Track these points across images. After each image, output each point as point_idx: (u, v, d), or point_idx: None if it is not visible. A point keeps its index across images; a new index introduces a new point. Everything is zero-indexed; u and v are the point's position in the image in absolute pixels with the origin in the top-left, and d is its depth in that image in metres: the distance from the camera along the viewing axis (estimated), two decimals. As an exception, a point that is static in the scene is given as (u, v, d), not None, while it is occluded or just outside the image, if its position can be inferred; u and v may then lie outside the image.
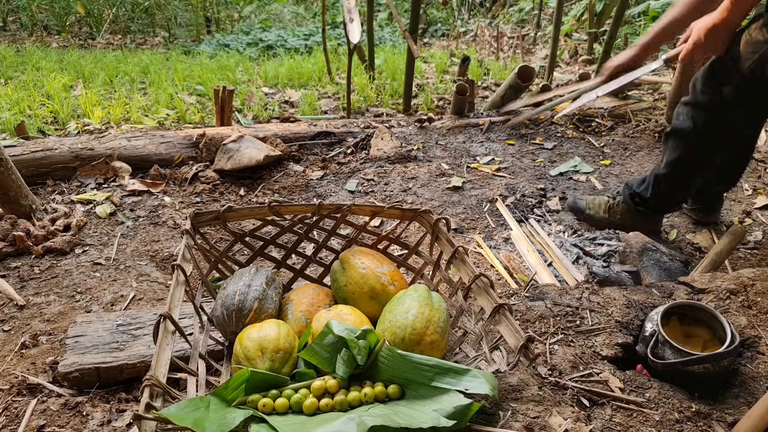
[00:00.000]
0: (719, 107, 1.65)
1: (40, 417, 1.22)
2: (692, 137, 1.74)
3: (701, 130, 1.71)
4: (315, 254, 1.56)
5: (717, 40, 1.53)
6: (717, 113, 1.66)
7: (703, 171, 1.83)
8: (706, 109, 1.68)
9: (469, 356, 1.22)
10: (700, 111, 1.70)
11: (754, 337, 1.36)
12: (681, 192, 1.93)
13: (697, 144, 1.74)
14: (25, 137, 2.77)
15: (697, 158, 1.77)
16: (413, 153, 2.74)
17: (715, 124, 1.68)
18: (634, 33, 5.52)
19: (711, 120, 1.68)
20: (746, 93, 1.57)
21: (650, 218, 2.03)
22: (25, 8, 6.06)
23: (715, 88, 1.63)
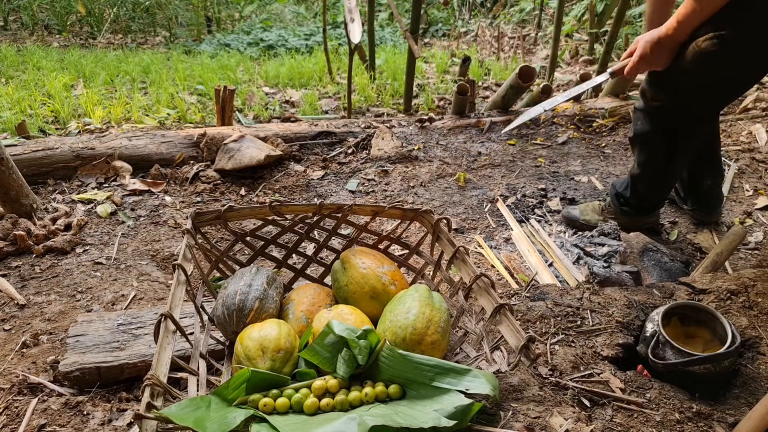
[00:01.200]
0: (665, 112, 1.73)
1: (41, 416, 1.22)
2: (651, 140, 1.82)
3: (655, 133, 1.79)
4: (316, 254, 1.56)
5: (662, 55, 1.58)
6: (663, 117, 1.75)
7: (673, 169, 1.88)
8: (653, 114, 1.77)
9: (469, 356, 1.22)
10: (649, 116, 1.78)
11: (754, 337, 1.36)
12: (658, 190, 1.98)
13: (657, 145, 1.82)
14: (26, 136, 2.77)
15: (662, 157, 1.84)
16: (414, 153, 2.74)
17: (665, 125, 1.76)
18: (635, 33, 5.51)
19: (661, 123, 1.77)
20: (686, 98, 1.66)
21: (639, 217, 2.06)
22: (26, 8, 6.06)
23: (659, 96, 1.72)
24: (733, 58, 1.49)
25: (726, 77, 1.57)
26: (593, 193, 2.44)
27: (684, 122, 1.73)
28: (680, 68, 1.57)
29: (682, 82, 1.62)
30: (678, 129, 1.75)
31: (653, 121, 1.78)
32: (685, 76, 1.58)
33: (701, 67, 1.52)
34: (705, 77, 1.57)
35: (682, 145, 1.79)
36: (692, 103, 1.67)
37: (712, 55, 1.47)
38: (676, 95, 1.66)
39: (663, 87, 1.68)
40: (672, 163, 1.84)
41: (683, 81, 1.61)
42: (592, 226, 2.12)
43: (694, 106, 1.68)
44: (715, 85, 1.61)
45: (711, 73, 1.55)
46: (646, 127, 1.81)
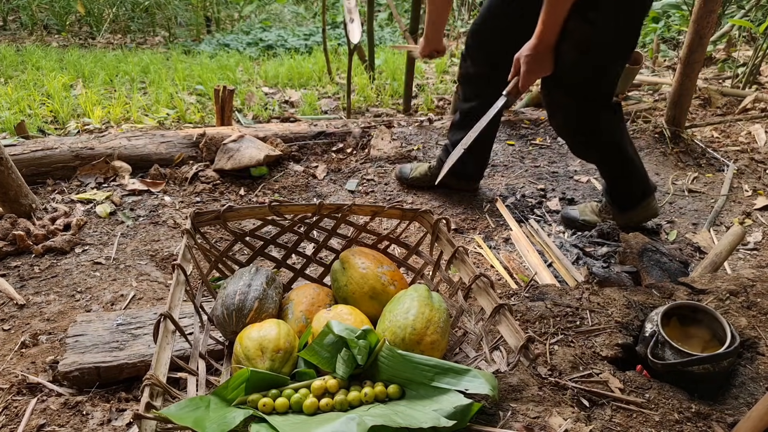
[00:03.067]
0: (594, 107, 1.81)
1: (40, 416, 1.22)
2: (605, 138, 1.91)
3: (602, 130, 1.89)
4: (315, 254, 1.56)
5: (544, 61, 1.63)
6: (595, 112, 1.83)
7: (633, 157, 1.97)
8: (591, 112, 1.83)
9: (469, 356, 1.22)
10: (590, 115, 1.84)
11: (753, 338, 1.36)
12: (640, 172, 2.03)
13: (613, 134, 1.91)
14: (25, 136, 2.77)
15: (619, 141, 1.93)
16: (413, 153, 2.74)
17: (595, 113, 1.84)
18: (635, 34, 5.51)
19: (596, 118, 1.84)
20: (593, 81, 1.76)
21: (638, 209, 2.07)
22: (25, 7, 6.06)
23: (571, 95, 1.78)
24: (607, 34, 1.59)
25: (610, 50, 1.66)
26: (592, 194, 2.44)
27: (606, 99, 1.80)
28: (571, 61, 1.63)
29: (581, 70, 1.67)
30: (608, 109, 1.82)
31: (593, 117, 1.82)
32: (581, 63, 1.64)
33: (587, 51, 1.60)
34: (596, 59, 1.66)
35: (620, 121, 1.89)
36: (601, 81, 1.74)
37: (589, 39, 1.57)
38: (583, 83, 1.72)
39: (561, 83, 1.73)
40: (627, 142, 1.93)
41: (581, 68, 1.66)
42: (591, 226, 2.13)
43: (603, 83, 1.75)
44: (608, 59, 1.70)
45: (597, 53, 1.63)
46: (596, 127, 1.85)
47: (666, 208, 2.35)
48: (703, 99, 3.51)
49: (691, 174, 2.63)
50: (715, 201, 2.39)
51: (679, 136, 2.86)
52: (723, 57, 4.46)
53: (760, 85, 3.77)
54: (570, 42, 1.58)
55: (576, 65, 1.64)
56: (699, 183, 2.56)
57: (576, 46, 1.59)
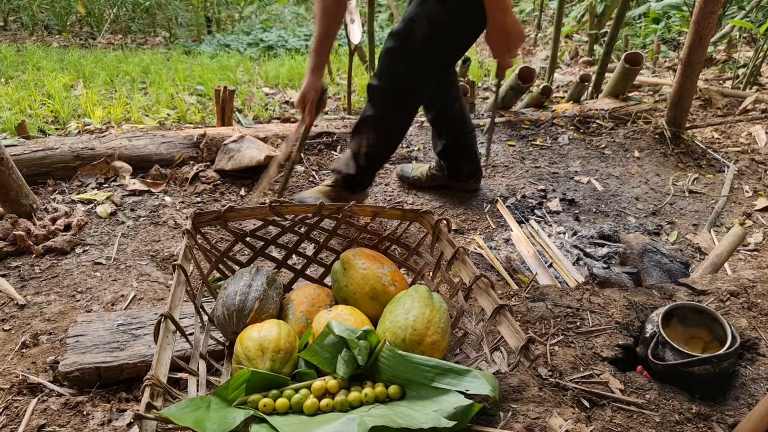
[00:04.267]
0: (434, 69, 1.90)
1: (41, 416, 1.22)
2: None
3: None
4: (316, 254, 1.56)
5: (509, 37, 1.67)
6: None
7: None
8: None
9: (469, 357, 1.22)
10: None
11: (754, 338, 1.36)
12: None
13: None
14: (26, 137, 2.77)
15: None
16: (414, 154, 2.74)
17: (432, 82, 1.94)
18: (635, 34, 5.53)
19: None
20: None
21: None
22: (25, 8, 6.06)
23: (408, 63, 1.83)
24: (456, 25, 1.68)
25: (450, 41, 1.74)
26: (593, 194, 2.44)
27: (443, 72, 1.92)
28: (422, 35, 1.68)
29: (425, 49, 1.72)
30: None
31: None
32: (427, 41, 1.70)
33: (435, 35, 1.67)
34: (439, 43, 1.72)
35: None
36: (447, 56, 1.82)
37: (445, 21, 1.65)
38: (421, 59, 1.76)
39: (404, 53, 1.76)
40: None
41: (426, 48, 1.72)
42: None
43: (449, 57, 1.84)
44: (445, 49, 1.77)
45: (442, 38, 1.70)
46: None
47: (666, 209, 2.35)
48: (703, 100, 3.51)
49: (691, 175, 2.63)
50: (716, 202, 2.39)
51: (680, 137, 2.86)
52: (723, 58, 4.47)
53: (761, 86, 3.77)
54: (424, 21, 1.64)
55: (422, 42, 1.69)
56: (699, 184, 2.56)
57: (429, 26, 1.65)
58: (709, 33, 2.53)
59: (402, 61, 1.74)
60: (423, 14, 1.64)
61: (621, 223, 2.24)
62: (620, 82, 3.23)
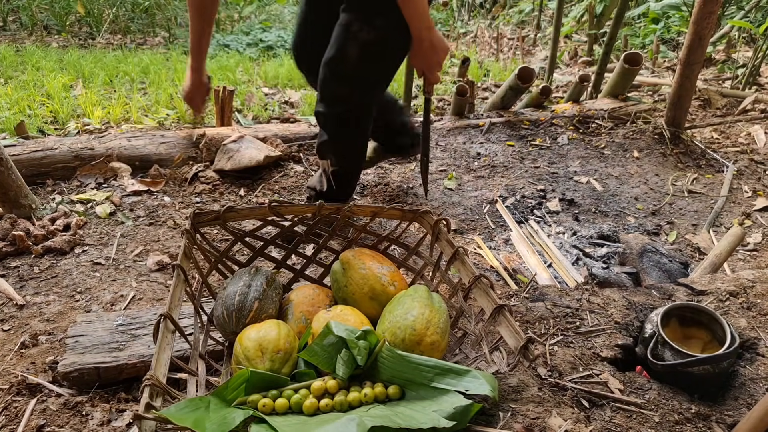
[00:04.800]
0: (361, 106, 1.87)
1: (40, 416, 1.22)
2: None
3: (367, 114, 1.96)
4: (315, 255, 1.56)
5: (433, 51, 1.65)
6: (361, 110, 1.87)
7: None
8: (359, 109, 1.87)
9: (469, 357, 1.22)
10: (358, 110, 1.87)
11: (753, 338, 1.36)
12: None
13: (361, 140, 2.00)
14: (25, 137, 2.77)
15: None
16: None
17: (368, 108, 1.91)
18: (634, 34, 5.53)
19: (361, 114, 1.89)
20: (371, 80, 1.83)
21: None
22: (25, 8, 6.06)
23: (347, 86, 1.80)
24: (387, 42, 1.66)
25: (385, 57, 1.72)
26: (592, 194, 2.44)
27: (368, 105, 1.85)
28: (354, 58, 1.66)
29: (361, 70, 1.70)
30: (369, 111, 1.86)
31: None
32: (361, 63, 1.68)
33: (367, 53, 1.65)
34: (374, 62, 1.70)
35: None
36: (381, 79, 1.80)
37: (372, 42, 1.63)
38: (358, 81, 1.75)
39: (340, 76, 1.74)
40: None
41: (361, 69, 1.70)
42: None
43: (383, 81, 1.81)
44: (383, 65, 1.75)
45: (375, 57, 1.69)
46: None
47: (666, 209, 2.36)
48: (702, 100, 3.52)
49: (690, 175, 2.63)
50: (715, 202, 2.39)
51: (679, 137, 2.86)
52: (723, 58, 4.47)
53: (760, 86, 3.77)
54: (354, 42, 1.63)
55: (356, 64, 1.67)
56: (699, 184, 2.56)
57: (359, 47, 1.64)
58: (709, 33, 2.53)
59: (341, 86, 1.72)
60: (351, 37, 1.62)
61: (620, 223, 2.24)
62: (619, 82, 3.23)
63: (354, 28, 1.60)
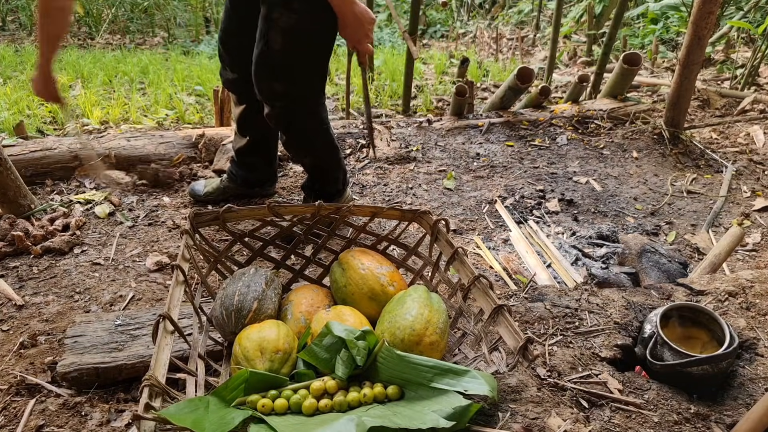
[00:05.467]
0: (303, 95, 1.82)
1: (39, 417, 1.22)
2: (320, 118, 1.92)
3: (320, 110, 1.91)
4: (314, 255, 1.56)
5: (367, 15, 1.63)
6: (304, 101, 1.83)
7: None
8: (300, 100, 1.83)
9: (468, 357, 1.22)
10: (300, 103, 1.82)
11: (752, 338, 1.37)
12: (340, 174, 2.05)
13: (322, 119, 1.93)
14: (24, 137, 2.77)
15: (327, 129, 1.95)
16: (412, 154, 2.74)
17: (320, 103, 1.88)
18: (634, 35, 5.53)
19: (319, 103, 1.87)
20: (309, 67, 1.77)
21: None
22: (24, 8, 6.06)
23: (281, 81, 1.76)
24: (309, 24, 1.62)
25: (312, 40, 1.67)
26: (591, 194, 2.44)
27: (316, 90, 1.81)
28: (279, 46, 1.63)
29: (288, 57, 1.66)
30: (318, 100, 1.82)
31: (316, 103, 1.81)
32: (287, 50, 1.64)
33: (292, 39, 1.62)
34: (300, 47, 1.66)
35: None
36: (307, 71, 1.73)
37: (294, 27, 1.60)
38: (291, 69, 1.69)
39: (272, 70, 1.69)
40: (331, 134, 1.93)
41: (289, 56, 1.66)
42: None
43: (309, 72, 1.74)
44: (311, 49, 1.69)
45: (301, 41, 1.64)
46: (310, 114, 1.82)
47: (665, 209, 2.36)
48: (701, 100, 3.52)
49: (689, 175, 2.63)
50: (714, 202, 2.39)
51: (678, 137, 2.86)
52: (722, 58, 4.47)
53: (759, 86, 3.78)
54: (276, 30, 1.61)
55: (283, 51, 1.64)
56: (698, 184, 2.57)
57: (282, 34, 1.61)
58: (708, 33, 2.53)
59: (275, 81, 1.69)
60: (273, 26, 1.60)
61: (619, 223, 2.24)
62: (619, 82, 3.24)
63: (274, 15, 1.58)
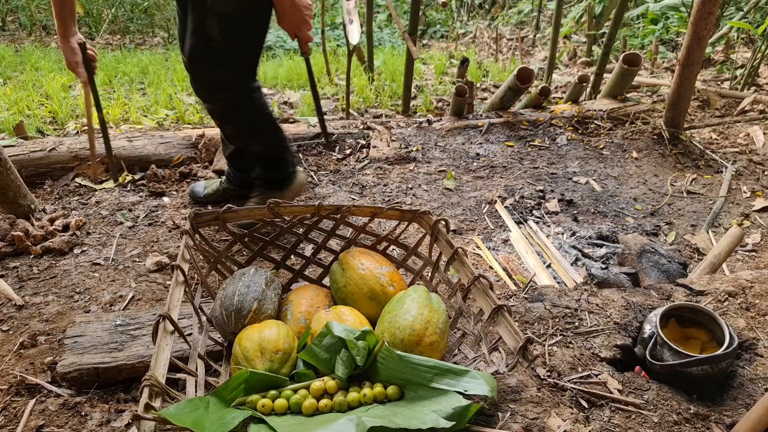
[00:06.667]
0: (239, 80, 1.83)
1: (39, 417, 1.22)
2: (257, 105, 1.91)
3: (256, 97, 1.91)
4: (314, 255, 1.56)
5: (296, 11, 1.66)
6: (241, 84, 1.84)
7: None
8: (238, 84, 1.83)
9: (468, 357, 1.22)
10: (238, 87, 1.83)
11: (752, 339, 1.37)
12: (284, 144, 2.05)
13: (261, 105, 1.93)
14: (24, 137, 2.77)
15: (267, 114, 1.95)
16: (412, 154, 2.74)
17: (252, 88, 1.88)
18: (633, 35, 5.53)
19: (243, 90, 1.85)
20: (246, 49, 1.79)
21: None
22: (24, 8, 6.06)
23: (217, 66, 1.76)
24: (242, 4, 1.63)
25: (244, 20, 1.67)
26: (591, 195, 2.44)
27: (251, 71, 1.80)
28: (217, 31, 1.62)
29: (226, 38, 1.66)
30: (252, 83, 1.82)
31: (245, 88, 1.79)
32: (225, 33, 1.64)
33: (229, 28, 1.61)
34: (236, 29, 1.65)
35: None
36: (244, 52, 1.73)
37: (229, 13, 1.60)
38: (229, 52, 1.69)
39: (209, 54, 1.68)
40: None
41: (227, 37, 1.65)
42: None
43: (245, 53, 1.74)
44: (245, 30, 1.70)
45: (236, 23, 1.64)
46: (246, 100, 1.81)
47: (665, 210, 2.36)
48: (701, 100, 3.52)
49: (689, 175, 2.63)
50: (714, 202, 2.39)
51: (678, 137, 2.86)
52: (721, 59, 4.48)
53: (759, 86, 3.78)
54: (212, 18, 1.60)
55: (222, 39, 1.63)
56: (697, 184, 2.57)
57: (218, 21, 1.61)
58: (708, 34, 2.53)
59: (215, 72, 1.68)
60: (208, 14, 1.59)
61: (619, 223, 2.24)
62: (618, 82, 3.24)
63: (209, 2, 1.57)
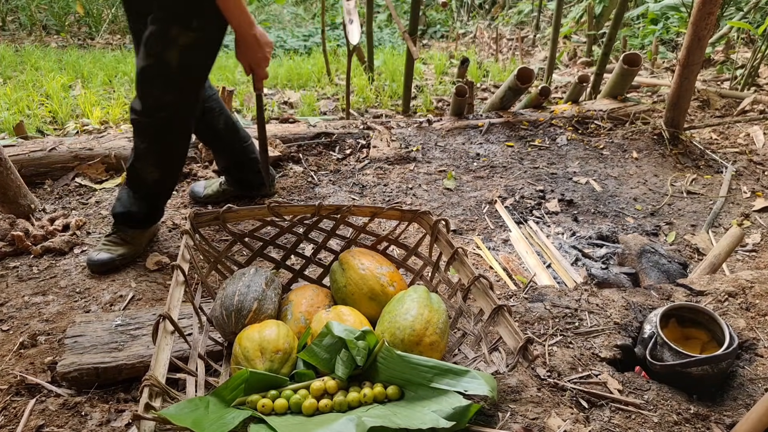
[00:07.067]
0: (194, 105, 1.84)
1: (39, 417, 1.22)
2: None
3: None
4: (314, 255, 1.56)
5: (256, 48, 1.67)
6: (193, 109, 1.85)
7: None
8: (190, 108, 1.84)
9: (468, 357, 1.22)
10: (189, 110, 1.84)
11: (752, 339, 1.37)
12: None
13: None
14: (24, 137, 2.77)
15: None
16: (412, 154, 2.74)
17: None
18: (633, 35, 5.53)
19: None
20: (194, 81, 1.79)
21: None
22: (24, 8, 6.06)
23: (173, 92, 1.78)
24: (208, 38, 1.65)
25: (208, 52, 1.70)
26: (591, 195, 2.44)
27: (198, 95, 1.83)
28: (176, 64, 1.63)
29: (186, 71, 1.68)
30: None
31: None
32: (186, 65, 1.65)
33: (189, 58, 1.63)
34: (199, 61, 1.69)
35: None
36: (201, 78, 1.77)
37: (193, 43, 1.61)
38: (187, 82, 1.71)
39: (166, 82, 1.70)
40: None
41: (186, 70, 1.67)
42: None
43: (201, 82, 1.77)
44: (206, 61, 1.72)
45: (200, 55, 1.67)
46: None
47: (665, 210, 2.36)
48: (701, 101, 3.52)
49: (689, 175, 2.63)
50: (714, 202, 2.39)
51: (678, 137, 2.86)
52: (722, 59, 4.48)
53: (759, 86, 3.78)
54: (174, 48, 1.60)
55: (179, 67, 1.64)
56: (697, 185, 2.57)
57: (180, 52, 1.61)
58: (708, 34, 2.53)
59: (165, 93, 1.70)
60: (170, 43, 1.60)
61: (619, 223, 2.24)
62: (619, 82, 3.24)
63: (173, 33, 1.58)
